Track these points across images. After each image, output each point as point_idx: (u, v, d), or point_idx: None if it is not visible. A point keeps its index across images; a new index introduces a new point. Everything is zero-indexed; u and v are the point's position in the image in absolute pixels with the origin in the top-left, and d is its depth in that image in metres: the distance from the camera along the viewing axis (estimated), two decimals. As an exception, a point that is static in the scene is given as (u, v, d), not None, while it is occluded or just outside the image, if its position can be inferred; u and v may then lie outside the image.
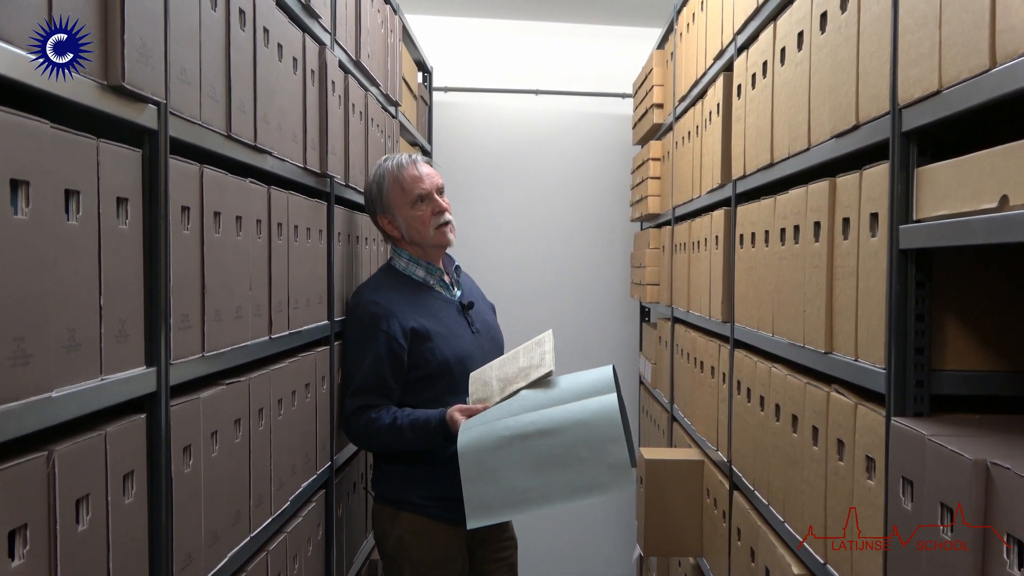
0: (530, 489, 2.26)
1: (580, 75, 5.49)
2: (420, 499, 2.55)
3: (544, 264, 5.51)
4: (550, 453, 2.25)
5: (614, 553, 5.39)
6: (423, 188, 2.63)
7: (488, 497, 2.27)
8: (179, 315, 1.51)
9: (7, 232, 1.03)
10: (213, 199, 1.65)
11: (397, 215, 2.65)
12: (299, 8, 2.24)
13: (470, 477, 2.27)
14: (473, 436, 2.30)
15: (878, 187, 1.65)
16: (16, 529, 1.05)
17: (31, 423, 1.09)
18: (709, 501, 3.06)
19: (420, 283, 2.67)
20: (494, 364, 2.57)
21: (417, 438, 2.47)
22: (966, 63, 1.32)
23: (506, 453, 2.26)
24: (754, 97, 2.51)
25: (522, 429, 2.27)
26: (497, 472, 2.26)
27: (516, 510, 2.30)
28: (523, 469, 2.26)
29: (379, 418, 2.49)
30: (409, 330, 2.54)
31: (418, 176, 2.63)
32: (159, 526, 1.45)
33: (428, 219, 2.63)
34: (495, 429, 2.30)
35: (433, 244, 2.67)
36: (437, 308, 2.65)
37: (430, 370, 2.56)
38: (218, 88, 1.69)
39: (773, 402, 2.26)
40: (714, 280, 3.00)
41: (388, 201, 2.65)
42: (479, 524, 2.29)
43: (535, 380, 2.42)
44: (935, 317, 1.57)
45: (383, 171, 2.67)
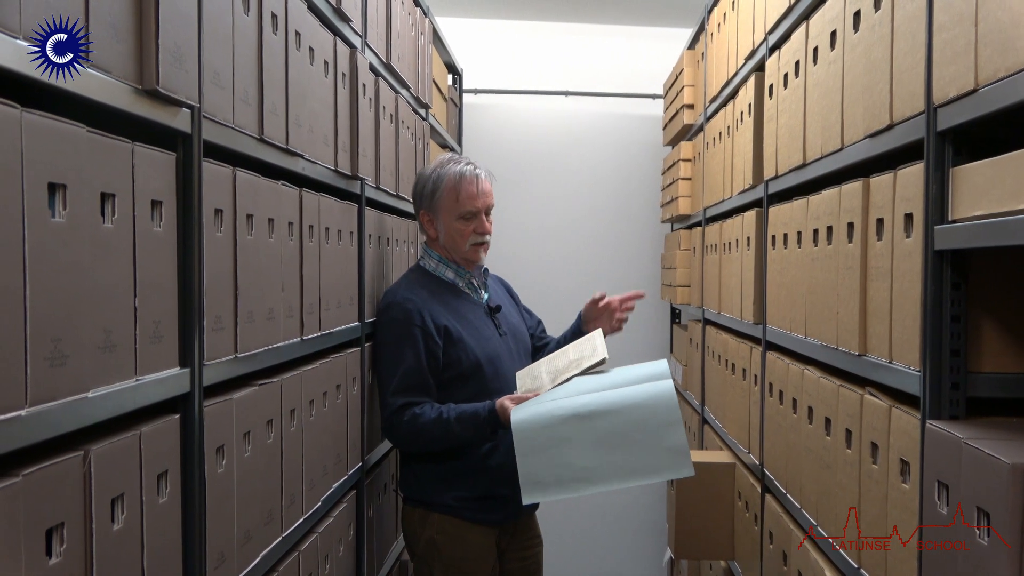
0: (586, 468, 2.21)
1: (610, 76, 5.48)
2: (453, 500, 2.55)
3: (574, 265, 5.50)
4: (607, 433, 2.20)
5: (644, 555, 5.37)
6: (475, 207, 2.64)
7: (543, 473, 2.22)
8: (212, 316, 1.53)
9: (45, 235, 1.04)
10: (246, 202, 1.67)
11: (440, 220, 2.67)
12: (330, 11, 2.26)
13: (524, 452, 2.22)
14: (528, 414, 2.27)
15: (913, 187, 1.63)
16: (53, 528, 1.07)
17: (68, 423, 1.10)
18: (741, 504, 3.03)
19: (449, 284, 2.69)
20: (542, 360, 2.58)
21: (465, 430, 2.45)
22: (1003, 61, 1.30)
23: (562, 430, 2.21)
24: (786, 97, 2.49)
25: (577, 409, 2.23)
26: (552, 449, 2.21)
27: (570, 489, 2.24)
28: (579, 447, 2.20)
29: (423, 413, 2.47)
30: (442, 327, 2.55)
31: (475, 194, 2.64)
32: (192, 525, 1.46)
33: (468, 235, 2.64)
34: (550, 408, 2.26)
35: (463, 258, 2.69)
36: (466, 309, 2.66)
37: (462, 369, 2.56)
38: (251, 91, 1.70)
39: (806, 405, 2.24)
40: (746, 282, 2.98)
41: (437, 204, 2.66)
42: (533, 500, 2.26)
43: (588, 368, 2.40)
44: (971, 319, 1.55)
45: (444, 174, 2.66)
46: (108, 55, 1.20)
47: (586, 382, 2.36)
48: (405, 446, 2.62)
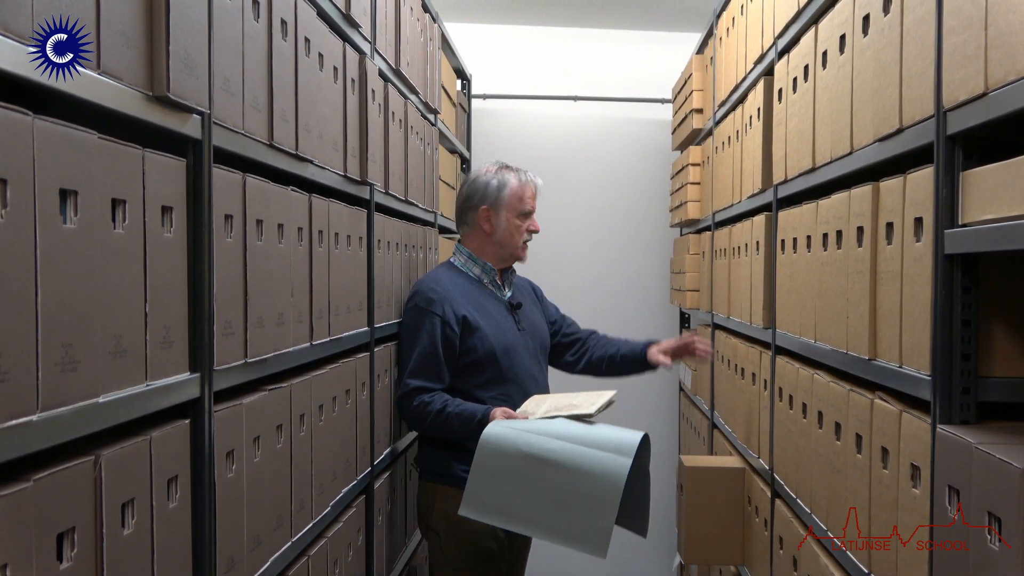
0: (523, 510, 2.33)
1: (619, 81, 5.47)
2: (463, 472, 2.61)
3: (583, 270, 5.49)
4: (553, 486, 2.31)
5: (654, 560, 5.35)
6: (533, 207, 2.95)
7: (486, 496, 2.35)
8: (222, 322, 1.53)
9: (56, 241, 1.05)
10: (255, 207, 1.67)
11: (502, 215, 2.87)
12: (339, 18, 2.27)
13: (478, 469, 2.35)
14: (498, 434, 2.38)
15: (923, 191, 1.62)
16: (64, 532, 1.07)
17: (79, 428, 1.11)
18: (751, 509, 3.03)
19: (475, 280, 2.86)
20: (556, 395, 2.76)
21: (460, 427, 2.60)
22: (1013, 64, 1.30)
23: (520, 464, 2.33)
24: (795, 101, 2.48)
25: (541, 451, 2.34)
26: (504, 479, 2.33)
27: (504, 521, 2.38)
28: (526, 489, 2.33)
29: (432, 402, 2.63)
30: (461, 317, 2.71)
31: (533, 196, 2.96)
32: (203, 530, 1.47)
33: (522, 232, 2.91)
34: (521, 437, 2.37)
35: (512, 253, 2.91)
36: (488, 303, 2.82)
37: (477, 357, 2.71)
38: (260, 98, 1.71)
39: (816, 409, 2.23)
40: (755, 286, 2.98)
41: (503, 200, 2.88)
42: (470, 516, 2.39)
43: (574, 416, 2.48)
44: (981, 323, 1.54)
45: (508, 176, 2.92)
46: (119, 62, 1.21)
47: (566, 427, 2.42)
48: (411, 425, 2.89)
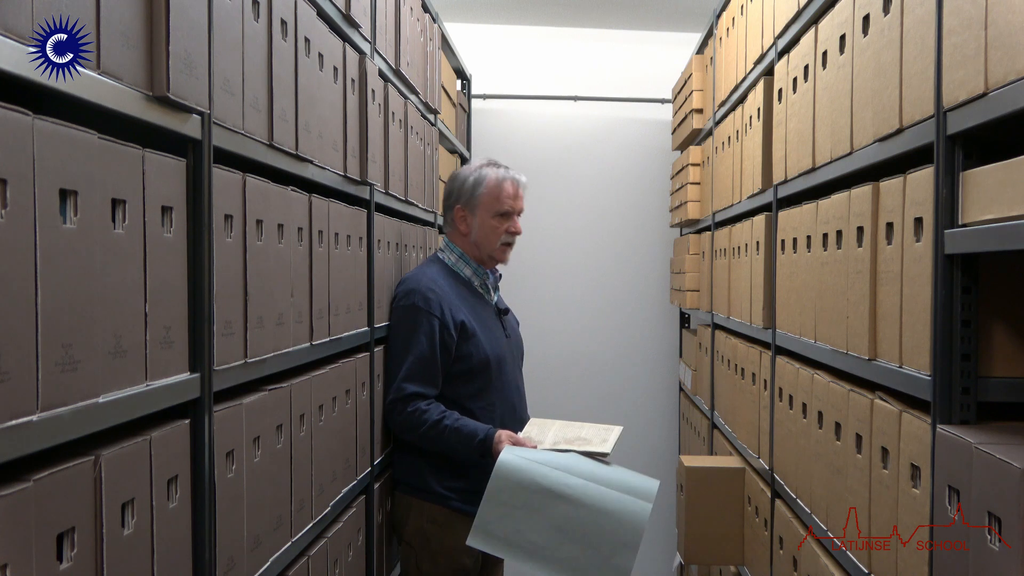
0: (535, 544, 2.30)
1: (619, 81, 5.48)
2: (444, 490, 2.61)
3: (583, 270, 5.50)
4: (571, 522, 2.29)
5: (654, 560, 5.35)
6: (512, 207, 2.79)
7: (497, 528, 2.31)
8: (222, 322, 1.53)
9: (56, 241, 1.05)
10: (255, 207, 1.67)
11: (476, 216, 2.77)
12: (339, 18, 2.27)
13: (492, 499, 2.31)
14: (514, 464, 2.33)
15: (923, 191, 1.62)
16: (64, 532, 1.07)
17: (79, 428, 1.11)
18: (750, 509, 3.03)
19: (465, 281, 2.77)
20: (557, 422, 2.69)
21: (458, 444, 2.52)
22: (1013, 64, 1.30)
23: (535, 498, 2.30)
24: (795, 101, 2.48)
25: (559, 486, 2.31)
26: (518, 511, 2.30)
27: (513, 555, 2.34)
28: (540, 523, 2.30)
29: (428, 411, 2.55)
30: (459, 323, 2.63)
31: (513, 195, 2.79)
32: (202, 530, 1.47)
33: (500, 234, 2.77)
34: (537, 469, 2.33)
35: (490, 255, 2.79)
36: (480, 308, 2.75)
37: (471, 365, 2.64)
38: (260, 98, 1.71)
39: (816, 409, 2.23)
40: (755, 286, 2.98)
41: (477, 200, 2.76)
42: (478, 546, 2.34)
43: (588, 452, 2.46)
44: (982, 323, 1.55)
45: (487, 173, 2.78)
46: (119, 62, 1.21)
47: (581, 464, 2.41)
48: (398, 432, 2.68)
